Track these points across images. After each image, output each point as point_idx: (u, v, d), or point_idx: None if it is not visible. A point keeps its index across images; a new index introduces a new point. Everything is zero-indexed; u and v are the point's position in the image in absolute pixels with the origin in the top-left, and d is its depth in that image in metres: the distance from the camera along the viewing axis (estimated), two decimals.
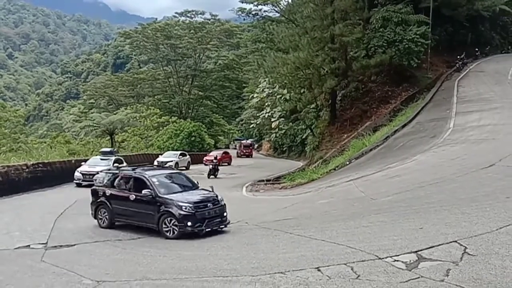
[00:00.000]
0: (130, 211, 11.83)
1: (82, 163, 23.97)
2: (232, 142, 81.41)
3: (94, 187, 13.37)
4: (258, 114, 48.84)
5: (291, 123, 45.35)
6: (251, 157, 53.89)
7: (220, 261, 8.35)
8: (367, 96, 34.19)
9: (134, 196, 11.71)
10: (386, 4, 33.32)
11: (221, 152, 43.50)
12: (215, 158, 31.22)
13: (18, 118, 46.79)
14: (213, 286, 6.89)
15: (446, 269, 6.13)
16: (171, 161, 33.22)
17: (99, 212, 12.46)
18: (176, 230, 10.84)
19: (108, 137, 46.11)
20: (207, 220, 11.01)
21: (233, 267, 7.75)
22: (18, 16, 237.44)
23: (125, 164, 24.87)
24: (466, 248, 6.78)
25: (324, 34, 31.70)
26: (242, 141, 62.84)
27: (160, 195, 11.31)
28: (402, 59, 31.68)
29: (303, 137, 43.90)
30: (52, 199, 18.37)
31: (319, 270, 6.86)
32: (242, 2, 53.45)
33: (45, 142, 47.23)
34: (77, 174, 22.81)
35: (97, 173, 22.21)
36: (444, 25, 38.44)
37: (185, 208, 10.89)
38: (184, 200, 11.23)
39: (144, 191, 11.40)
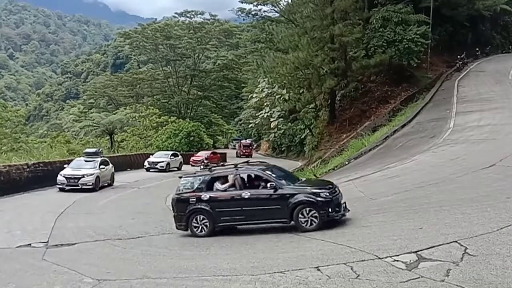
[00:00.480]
0: (244, 211, 10.69)
1: (65, 165, 21.88)
2: (231, 142, 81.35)
3: (177, 195, 11.50)
4: (257, 114, 48.62)
5: (290, 123, 45.19)
6: (251, 157, 53.77)
7: (219, 260, 8.36)
8: (366, 96, 34.14)
9: (249, 194, 10.61)
10: (386, 4, 33.21)
11: (209, 152, 42.39)
12: (206, 158, 30.52)
13: (19, 118, 46.71)
14: (213, 285, 6.90)
15: (447, 269, 6.11)
16: (163, 161, 32.62)
17: (195, 220, 11.00)
18: (316, 220, 10.02)
19: (108, 137, 46.18)
20: (342, 205, 10.52)
21: (232, 266, 7.76)
22: (19, 16, 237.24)
23: (111, 165, 23.73)
24: (466, 248, 6.76)
25: (323, 34, 31.65)
26: (242, 141, 62.73)
27: (285, 187, 10.46)
28: (402, 59, 31.61)
29: (302, 137, 43.85)
30: (53, 199, 18.46)
31: (318, 270, 6.86)
32: (242, 2, 53.22)
33: (45, 142, 47.28)
34: (60, 178, 20.67)
35: (83, 176, 20.64)
36: (444, 25, 38.36)
37: (323, 194, 10.19)
38: (313, 187, 10.64)
39: (269, 184, 10.41)
